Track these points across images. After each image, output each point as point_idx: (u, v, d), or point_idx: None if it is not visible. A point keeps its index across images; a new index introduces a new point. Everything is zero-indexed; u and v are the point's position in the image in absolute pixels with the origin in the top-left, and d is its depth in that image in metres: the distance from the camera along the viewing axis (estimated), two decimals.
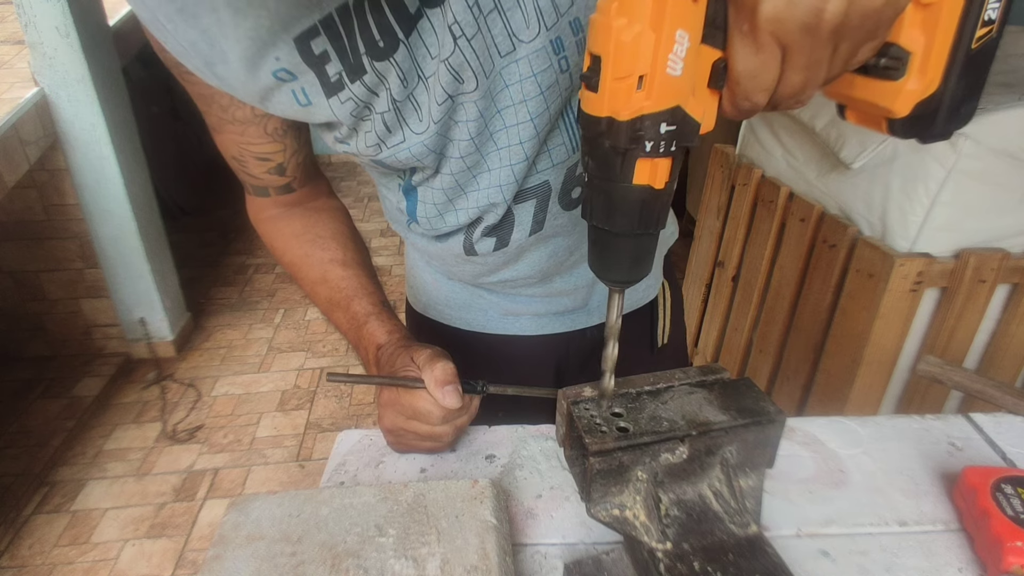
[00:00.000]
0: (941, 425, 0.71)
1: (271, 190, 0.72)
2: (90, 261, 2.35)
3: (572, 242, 0.74)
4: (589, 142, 0.37)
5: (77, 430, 2.22)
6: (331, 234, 0.75)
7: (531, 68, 0.56)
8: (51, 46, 2.00)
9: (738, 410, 0.49)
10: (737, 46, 0.34)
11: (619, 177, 0.37)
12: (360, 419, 2.31)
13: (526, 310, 0.82)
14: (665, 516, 0.48)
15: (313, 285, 0.75)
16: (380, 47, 0.54)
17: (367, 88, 0.57)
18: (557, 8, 0.53)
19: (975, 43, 0.35)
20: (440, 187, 0.66)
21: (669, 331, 0.92)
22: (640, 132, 0.35)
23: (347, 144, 0.63)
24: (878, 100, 0.38)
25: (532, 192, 0.67)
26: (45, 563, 1.80)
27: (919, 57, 0.36)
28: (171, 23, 0.53)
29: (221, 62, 0.54)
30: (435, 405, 0.60)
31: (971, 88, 0.37)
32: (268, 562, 0.49)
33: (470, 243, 0.71)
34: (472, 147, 0.61)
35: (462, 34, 0.53)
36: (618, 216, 0.39)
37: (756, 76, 0.34)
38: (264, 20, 0.51)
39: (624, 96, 0.34)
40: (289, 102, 0.58)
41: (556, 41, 0.54)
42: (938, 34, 0.35)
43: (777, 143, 1.73)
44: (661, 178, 0.38)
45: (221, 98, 0.61)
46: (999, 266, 1.40)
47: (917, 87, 0.37)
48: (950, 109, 0.37)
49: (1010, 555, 0.51)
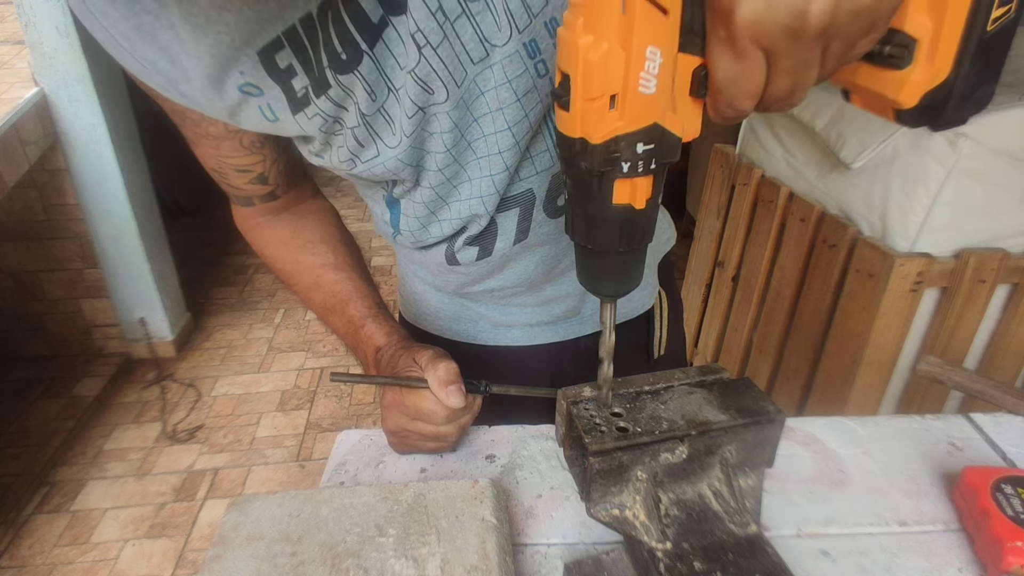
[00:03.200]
0: (941, 425, 0.70)
1: (255, 199, 0.71)
2: (90, 261, 2.35)
3: (560, 250, 0.71)
4: (566, 161, 0.36)
5: (77, 430, 2.22)
6: (320, 238, 0.74)
7: (505, 74, 0.52)
8: (51, 46, 2.00)
9: (738, 410, 0.49)
10: (716, 53, 0.32)
11: (597, 198, 0.35)
12: (360, 419, 2.31)
13: (517, 321, 0.80)
14: (665, 516, 0.48)
15: (307, 291, 0.74)
16: (343, 59, 0.51)
17: (334, 103, 0.54)
18: (529, 9, 0.49)
19: (991, 25, 0.32)
20: (422, 200, 0.64)
21: (666, 342, 0.89)
22: (615, 154, 0.33)
23: (321, 158, 0.61)
24: (883, 90, 0.35)
25: (515, 200, 0.65)
26: (45, 563, 1.80)
27: (926, 44, 0.33)
28: (128, 42, 0.50)
29: (184, 80, 0.52)
30: (439, 405, 0.60)
31: (987, 73, 0.34)
32: (268, 562, 0.49)
33: (452, 252, 0.69)
34: (449, 158, 0.59)
35: (427, 43, 0.50)
36: (598, 235, 0.38)
37: (738, 83, 0.32)
38: (224, 36, 0.49)
39: (596, 117, 0.32)
40: (258, 118, 0.55)
41: (530, 44, 0.51)
42: (947, 19, 0.32)
43: (777, 143, 1.73)
44: (642, 197, 0.36)
45: (192, 114, 0.58)
46: (999, 266, 1.39)
47: (924, 76, 0.33)
48: (962, 97, 0.34)
49: (1010, 555, 0.51)
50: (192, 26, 0.48)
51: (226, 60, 0.50)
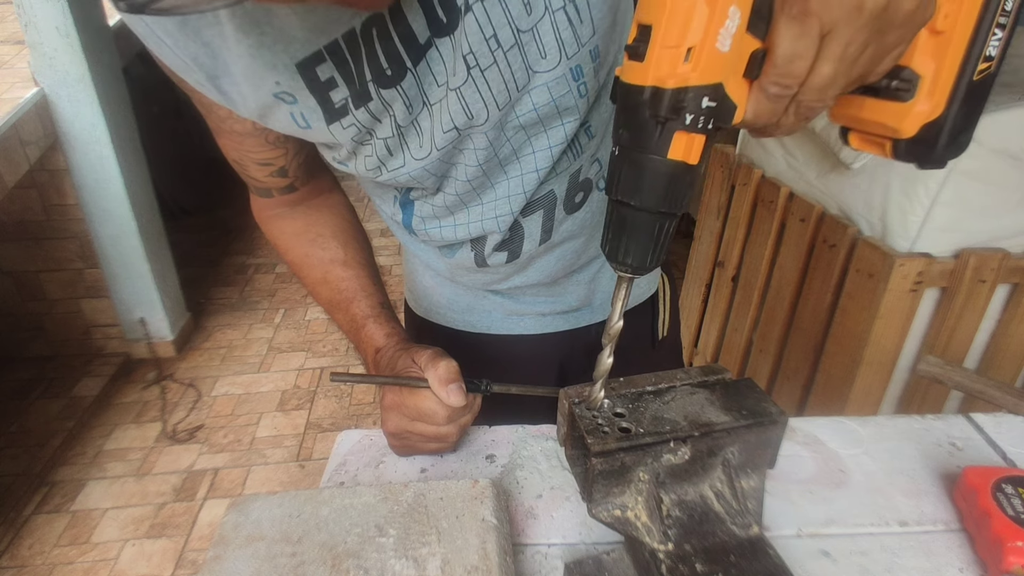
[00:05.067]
0: (941, 425, 0.70)
1: (274, 191, 0.72)
2: (90, 261, 2.35)
3: (580, 245, 0.74)
4: (627, 112, 0.37)
5: (77, 430, 2.22)
6: (332, 232, 0.75)
7: (551, 94, 0.56)
8: (51, 46, 2.00)
9: (740, 411, 0.49)
10: (783, 29, 0.34)
11: (654, 148, 0.37)
12: (360, 419, 2.31)
13: (531, 310, 0.81)
14: (667, 517, 0.48)
15: (315, 285, 0.75)
16: (388, 75, 0.54)
17: (371, 115, 0.56)
18: (579, 39, 0.54)
19: (977, 75, 0.38)
20: (442, 204, 0.66)
21: (668, 323, 0.93)
22: (682, 103, 0.35)
23: (345, 165, 0.62)
24: (887, 120, 0.40)
25: (539, 203, 0.68)
26: (45, 563, 1.80)
27: (928, 81, 0.38)
28: (171, 37, 0.52)
29: (224, 75, 0.54)
30: (440, 405, 0.60)
31: (969, 118, 0.39)
32: (268, 562, 0.49)
33: (482, 258, 0.72)
34: (479, 172, 0.62)
35: (476, 64, 0.53)
36: (646, 190, 0.38)
37: (793, 61, 0.35)
38: (267, 37, 0.50)
39: (671, 65, 0.34)
40: (287, 122, 0.57)
41: (576, 69, 0.55)
42: (947, 61, 0.38)
43: (777, 143, 1.73)
44: (695, 155, 0.37)
45: (219, 110, 0.60)
46: (999, 266, 1.40)
47: (925, 109, 0.39)
48: (951, 134, 0.39)
49: (1011, 555, 0.51)
50: (236, 25, 0.50)
51: (265, 64, 0.52)
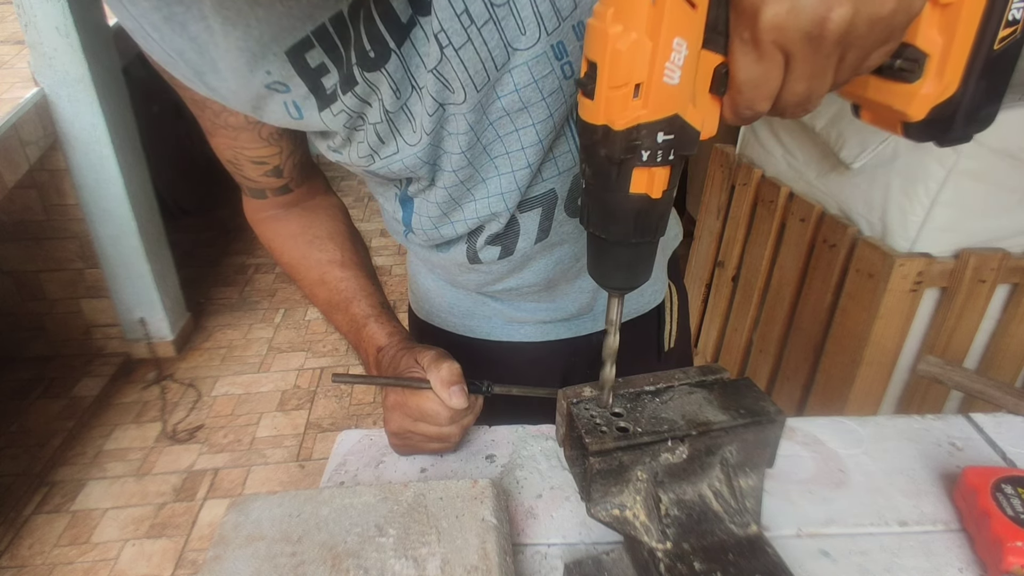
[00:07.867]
0: (941, 425, 0.70)
1: (268, 192, 0.72)
2: (90, 261, 2.35)
3: (578, 249, 0.73)
4: (586, 150, 0.37)
5: (77, 430, 2.22)
6: (328, 234, 0.74)
7: (531, 74, 0.54)
8: (51, 46, 2.00)
9: (738, 410, 0.49)
10: (738, 53, 0.33)
11: (615, 186, 0.36)
12: (360, 419, 2.31)
13: (531, 317, 0.81)
14: (665, 516, 0.48)
15: (312, 287, 0.74)
16: (371, 57, 0.53)
17: (359, 99, 0.55)
18: (559, 12, 0.51)
19: (997, 44, 0.33)
20: (436, 200, 0.65)
21: (676, 334, 0.91)
22: (636, 141, 0.34)
23: (340, 154, 0.62)
24: (892, 103, 0.36)
25: (538, 200, 0.66)
26: (45, 563, 1.80)
27: (936, 59, 0.34)
28: (157, 32, 0.51)
29: (211, 71, 0.53)
30: (442, 406, 0.60)
31: (992, 91, 0.35)
32: (268, 562, 0.49)
33: (474, 251, 0.70)
34: (464, 160, 0.60)
35: (448, 43, 0.51)
36: (614, 225, 0.38)
37: (758, 84, 0.33)
38: (254, 30, 0.50)
39: (620, 105, 0.33)
40: (281, 112, 0.57)
41: (558, 46, 0.53)
42: (957, 35, 0.33)
43: (777, 143, 1.73)
44: (659, 187, 0.37)
45: (212, 104, 0.60)
46: (999, 266, 1.39)
47: (933, 90, 0.35)
48: (968, 113, 0.35)
49: (1010, 555, 0.51)
50: (223, 18, 0.49)
51: (254, 55, 0.51)
